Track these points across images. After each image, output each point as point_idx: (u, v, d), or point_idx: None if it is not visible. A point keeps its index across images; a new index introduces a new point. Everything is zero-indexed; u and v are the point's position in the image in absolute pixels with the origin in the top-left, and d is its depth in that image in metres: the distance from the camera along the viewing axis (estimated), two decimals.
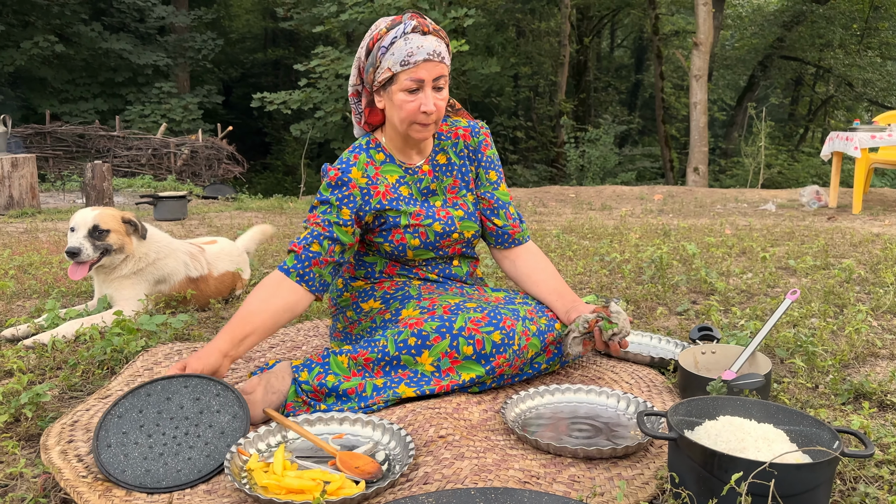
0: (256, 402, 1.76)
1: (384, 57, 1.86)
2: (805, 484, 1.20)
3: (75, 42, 17.45)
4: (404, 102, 1.86)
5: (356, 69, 1.99)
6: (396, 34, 1.84)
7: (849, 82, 20.08)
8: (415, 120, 1.89)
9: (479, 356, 1.83)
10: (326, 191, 1.94)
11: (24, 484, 1.47)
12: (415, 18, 1.86)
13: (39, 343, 2.35)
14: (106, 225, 2.65)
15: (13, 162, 6.91)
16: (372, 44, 1.89)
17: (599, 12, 23.04)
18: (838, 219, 6.19)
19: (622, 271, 3.52)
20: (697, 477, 1.28)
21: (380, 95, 1.94)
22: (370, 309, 2.06)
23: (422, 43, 1.83)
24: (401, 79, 1.85)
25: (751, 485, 1.18)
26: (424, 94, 1.86)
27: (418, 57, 1.82)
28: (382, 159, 2.02)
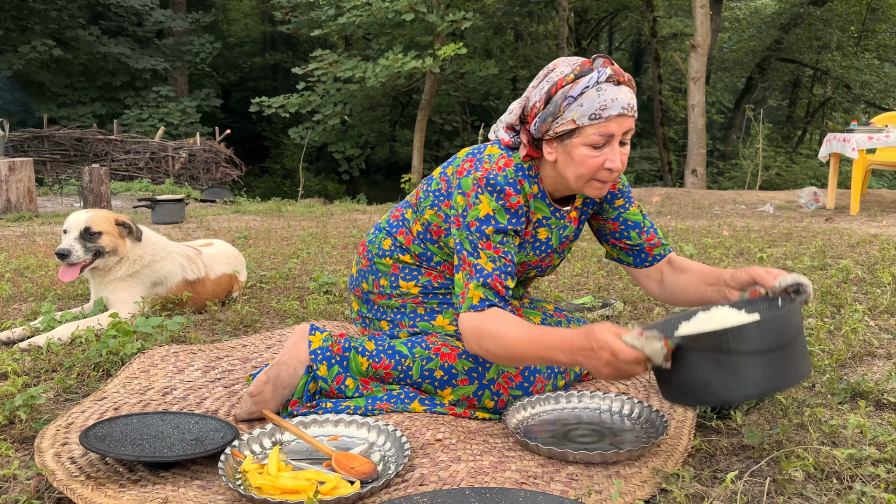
0: (267, 402, 1.75)
1: (570, 107, 1.62)
2: (795, 325, 1.37)
3: (73, 46, 17.46)
4: (587, 158, 1.64)
5: (521, 108, 1.73)
6: (588, 83, 1.60)
7: (846, 84, 20.12)
8: (595, 177, 1.67)
9: (497, 411, 1.81)
10: (503, 217, 1.69)
11: (18, 486, 1.46)
12: (608, 66, 1.62)
13: (35, 345, 2.34)
14: (98, 227, 2.65)
15: (10, 166, 6.90)
16: (555, 90, 1.64)
17: (597, 15, 23.08)
18: (836, 220, 6.19)
19: (620, 272, 3.52)
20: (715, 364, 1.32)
21: (551, 146, 1.69)
22: (406, 291, 1.93)
23: (616, 95, 1.60)
24: (587, 132, 1.62)
25: (764, 346, 1.31)
26: (612, 149, 1.64)
27: (612, 111, 1.60)
28: (536, 192, 1.78)
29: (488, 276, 1.65)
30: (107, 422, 1.61)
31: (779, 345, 1.31)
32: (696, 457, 1.58)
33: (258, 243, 4.99)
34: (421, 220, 1.89)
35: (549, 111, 1.65)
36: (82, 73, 18.12)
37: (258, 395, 1.74)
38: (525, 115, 1.73)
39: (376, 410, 1.78)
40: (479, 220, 1.68)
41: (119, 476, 1.47)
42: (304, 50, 21.11)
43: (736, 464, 1.54)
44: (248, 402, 1.75)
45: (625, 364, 1.39)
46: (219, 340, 2.53)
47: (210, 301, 2.95)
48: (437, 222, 1.85)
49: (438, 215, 1.84)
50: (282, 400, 1.78)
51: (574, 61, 1.66)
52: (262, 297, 3.19)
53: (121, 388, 1.98)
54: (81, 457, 1.54)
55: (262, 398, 1.74)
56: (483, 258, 1.66)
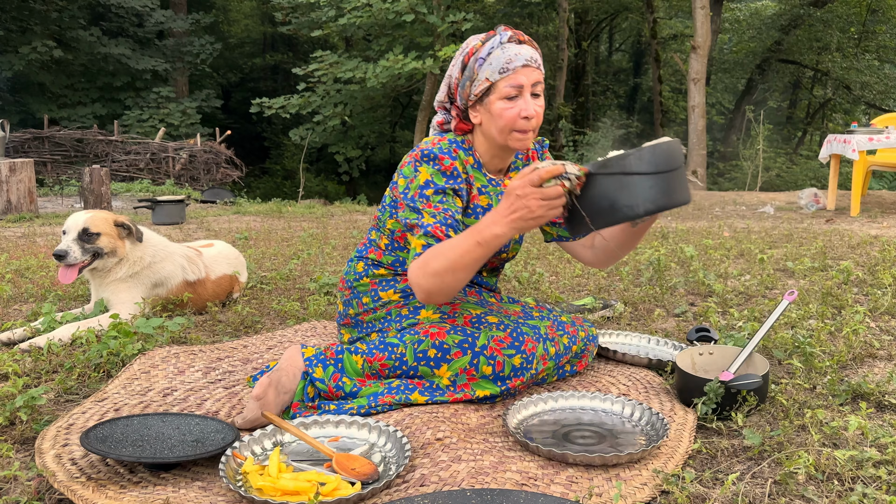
0: (269, 405, 1.76)
1: (481, 68, 1.83)
2: (679, 156, 1.56)
3: (74, 47, 17.46)
4: (504, 110, 1.81)
5: (446, 87, 1.94)
6: (493, 45, 1.83)
7: (846, 85, 20.13)
8: (515, 127, 1.83)
9: (497, 377, 1.82)
10: (439, 179, 1.83)
11: (19, 487, 1.46)
12: (509, 30, 1.84)
13: (35, 346, 2.34)
14: (96, 228, 2.65)
15: (11, 166, 6.90)
16: (467, 58, 1.86)
17: (597, 16, 23.10)
18: (836, 221, 6.19)
19: (620, 273, 3.52)
20: (619, 185, 1.52)
21: (475, 110, 1.88)
22: (388, 300, 2.01)
23: (519, 50, 1.81)
24: (500, 87, 1.81)
25: (658, 166, 1.51)
26: (524, 99, 1.81)
27: (517, 63, 1.80)
28: (472, 163, 1.94)
29: (429, 227, 1.77)
30: (107, 423, 1.61)
31: (668, 167, 1.52)
32: (697, 458, 1.58)
33: (258, 244, 4.99)
34: (385, 232, 2.02)
35: (466, 76, 1.87)
36: (83, 74, 18.12)
37: (263, 399, 1.75)
38: (451, 91, 1.93)
39: (379, 406, 1.78)
40: (420, 187, 1.83)
41: (120, 477, 1.47)
42: (304, 51, 21.12)
43: (737, 465, 1.54)
44: (253, 406, 1.75)
45: (550, 190, 1.52)
46: (219, 341, 2.53)
47: (210, 302, 2.95)
48: (399, 227, 1.97)
49: (398, 220, 1.96)
50: (282, 405, 1.79)
51: (481, 35, 1.89)
52: (262, 298, 3.19)
53: (121, 389, 1.98)
54: (82, 458, 1.54)
55: (266, 401, 1.75)
56: (425, 216, 1.79)
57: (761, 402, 1.81)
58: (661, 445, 1.59)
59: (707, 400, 1.76)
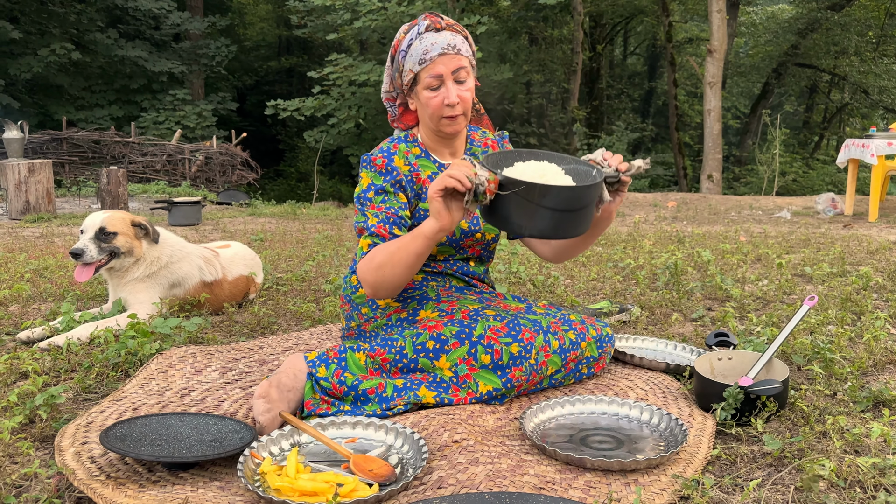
0: (276, 402, 1.75)
1: (405, 60, 1.94)
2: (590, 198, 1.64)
3: (91, 49, 17.62)
4: (429, 99, 1.92)
5: (388, 77, 2.07)
6: (412, 36, 1.93)
7: (864, 90, 19.96)
8: (441, 114, 1.93)
9: (497, 366, 1.82)
10: (378, 179, 1.96)
11: (39, 484, 1.47)
12: (428, 18, 1.93)
13: (54, 345, 2.36)
14: (113, 227, 2.67)
15: (30, 167, 6.97)
16: (394, 50, 1.98)
17: (612, 20, 23.04)
18: (854, 226, 6.13)
19: (636, 277, 3.50)
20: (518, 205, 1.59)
21: (410, 98, 2.00)
22: (386, 306, 2.05)
23: (435, 39, 1.89)
24: (422, 77, 1.91)
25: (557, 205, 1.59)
26: (446, 87, 1.90)
27: (433, 53, 1.88)
28: (418, 153, 2.05)
29: (373, 227, 1.90)
30: (126, 422, 1.62)
31: (570, 208, 1.60)
32: (716, 464, 1.57)
33: (274, 245, 5.01)
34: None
35: (395, 69, 2.00)
36: (100, 76, 18.27)
37: (268, 396, 1.74)
38: (391, 82, 2.07)
39: (391, 410, 1.79)
40: (363, 191, 1.97)
41: (139, 476, 1.47)
42: (319, 54, 21.21)
43: (757, 471, 1.52)
44: (261, 406, 1.72)
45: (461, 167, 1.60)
46: (236, 342, 2.54)
47: (227, 302, 2.96)
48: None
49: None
50: (289, 403, 1.78)
51: (406, 25, 1.98)
52: (278, 299, 3.20)
53: (139, 388, 1.99)
54: (101, 456, 1.55)
55: (271, 398, 1.74)
56: (370, 218, 1.92)
57: (781, 408, 1.79)
58: (679, 451, 1.58)
59: (726, 405, 1.75)
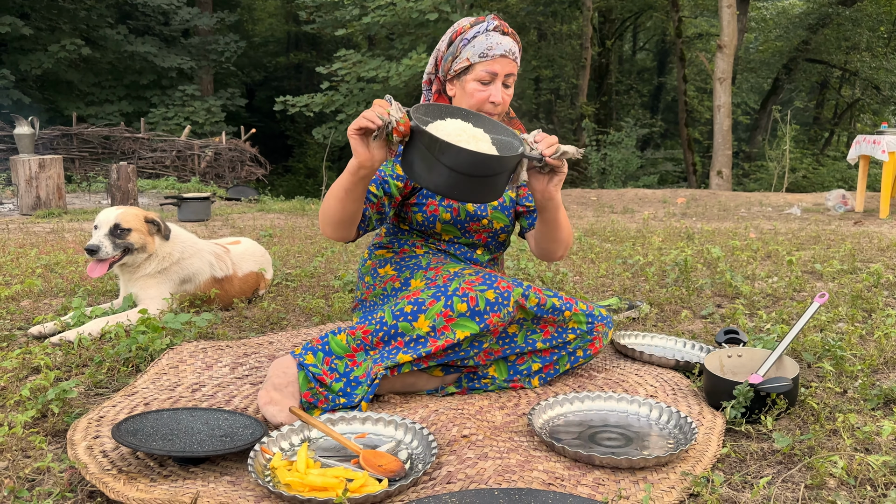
0: (281, 400, 1.76)
1: (465, 48, 2.02)
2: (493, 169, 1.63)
3: (101, 45, 17.68)
4: (476, 91, 2.00)
5: (434, 59, 2.13)
6: (479, 30, 2.01)
7: (876, 85, 19.82)
8: (482, 109, 2.00)
9: (474, 313, 1.83)
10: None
11: (51, 478, 1.48)
12: (496, 20, 2.02)
13: (66, 340, 2.38)
14: (127, 224, 2.68)
15: (41, 163, 7.01)
16: (455, 35, 2.05)
17: (622, 15, 22.94)
18: (865, 223, 6.10)
19: (645, 274, 3.50)
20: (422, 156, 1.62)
21: (452, 84, 2.08)
22: (385, 275, 2.12)
23: (500, 41, 2.00)
24: (477, 69, 2.00)
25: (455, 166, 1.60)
26: (495, 86, 2.00)
27: (496, 52, 1.98)
28: None
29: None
30: (138, 416, 1.63)
31: (468, 173, 1.60)
32: (726, 462, 1.57)
33: (283, 241, 5.02)
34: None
35: (450, 52, 2.06)
36: (110, 72, 18.34)
37: (271, 398, 1.74)
38: (436, 62, 2.13)
39: (375, 381, 1.80)
40: None
41: (150, 470, 1.48)
42: (327, 49, 21.21)
43: (767, 469, 1.52)
44: (271, 409, 1.73)
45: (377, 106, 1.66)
46: (246, 337, 2.55)
47: (237, 298, 2.97)
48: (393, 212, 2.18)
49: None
50: (293, 396, 1.78)
51: (471, 18, 2.06)
52: (287, 295, 3.21)
53: (150, 383, 2.00)
54: (113, 450, 1.56)
55: (277, 398, 1.74)
56: None
57: (791, 405, 1.78)
58: (689, 449, 1.57)
59: (736, 403, 1.75)
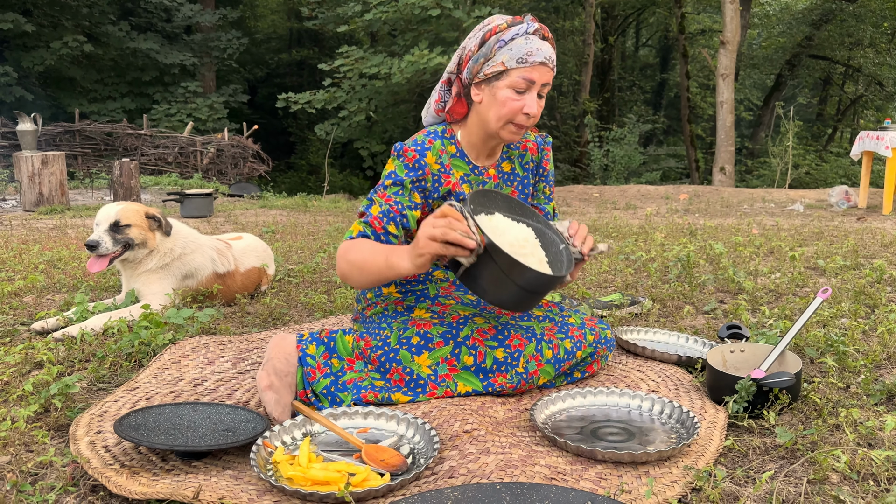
0: (280, 389, 1.78)
1: (500, 50, 1.80)
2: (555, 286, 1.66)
3: (104, 42, 17.67)
4: (509, 100, 1.81)
5: (458, 58, 1.92)
6: (518, 32, 1.80)
7: (879, 82, 19.77)
8: (513, 120, 1.83)
9: (479, 369, 1.81)
10: (401, 171, 1.86)
11: (54, 472, 1.48)
12: (536, 22, 1.84)
13: (68, 336, 2.38)
14: (127, 220, 2.68)
15: (43, 159, 7.01)
16: (489, 35, 1.83)
17: (624, 11, 22.89)
18: (868, 219, 6.08)
19: (648, 270, 3.49)
20: (493, 274, 1.57)
21: (479, 88, 1.86)
22: (388, 294, 2.03)
23: (541, 46, 1.80)
24: (512, 75, 1.79)
25: (527, 285, 1.60)
26: (531, 96, 1.82)
27: (536, 58, 1.79)
28: (454, 152, 1.95)
29: (371, 216, 1.81)
30: (140, 411, 1.64)
31: (538, 291, 1.63)
32: (728, 456, 1.57)
33: (285, 237, 5.02)
34: None
35: (482, 53, 1.84)
36: (112, 69, 18.33)
37: (271, 387, 1.77)
38: (460, 61, 1.91)
39: (362, 402, 1.80)
40: (384, 178, 1.88)
41: (152, 465, 1.49)
42: (329, 46, 21.20)
43: (769, 464, 1.52)
44: (271, 396, 1.76)
45: (445, 223, 1.51)
46: (248, 332, 2.55)
47: (239, 294, 2.97)
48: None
49: None
50: (290, 388, 1.81)
51: (507, 16, 1.86)
52: (289, 291, 3.21)
53: (153, 378, 2.00)
54: (115, 445, 1.56)
55: (276, 387, 1.77)
56: (374, 206, 1.83)
57: (794, 400, 1.78)
58: (691, 443, 1.57)
59: (738, 398, 1.74)
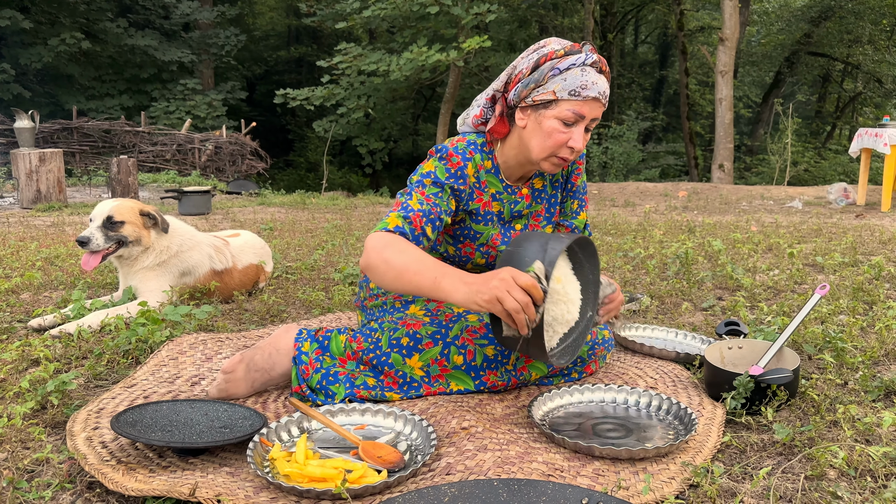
0: (238, 382, 1.81)
1: (554, 79, 1.72)
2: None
3: (102, 39, 17.64)
4: (555, 131, 1.74)
5: (507, 76, 1.83)
6: (575, 62, 1.72)
7: (878, 79, 19.76)
8: (557, 153, 1.78)
9: (469, 367, 1.81)
10: (442, 174, 1.80)
11: (51, 469, 1.48)
12: (594, 53, 1.76)
13: (66, 333, 2.38)
14: (120, 216, 2.68)
15: (41, 157, 7.00)
16: (543, 60, 1.74)
17: (623, 8, 22.86)
18: (867, 216, 6.08)
19: (646, 267, 3.49)
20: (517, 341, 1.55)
21: (525, 113, 1.79)
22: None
23: (596, 80, 1.72)
24: (562, 106, 1.73)
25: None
26: (578, 129, 1.75)
27: (590, 93, 1.71)
28: (489, 168, 1.89)
29: (411, 211, 1.72)
30: (137, 408, 1.63)
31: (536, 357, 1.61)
32: (726, 453, 1.57)
33: (283, 235, 5.02)
34: None
35: (533, 77, 1.75)
36: (110, 66, 18.31)
37: (231, 374, 1.80)
38: (509, 81, 1.82)
39: (356, 397, 1.80)
40: (421, 175, 1.81)
41: (149, 461, 1.48)
42: (328, 43, 21.18)
43: (767, 460, 1.51)
44: (220, 379, 1.81)
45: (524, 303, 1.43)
46: (246, 329, 2.55)
47: (237, 291, 2.97)
48: None
49: None
50: (253, 383, 1.83)
51: (564, 41, 1.78)
52: (287, 288, 3.21)
53: (150, 375, 2.00)
54: (112, 441, 1.56)
55: (235, 377, 1.81)
56: (413, 199, 1.75)
57: (791, 397, 1.78)
58: (689, 440, 1.57)
59: (736, 394, 1.74)
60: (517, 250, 1.58)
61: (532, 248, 1.57)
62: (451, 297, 1.51)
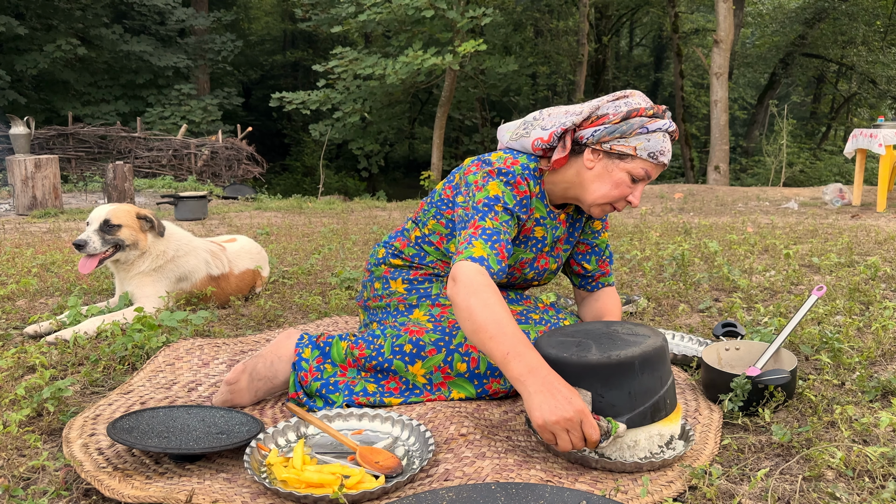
0: (241, 391, 1.81)
1: (639, 136, 1.76)
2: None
3: (97, 45, 17.64)
4: (622, 184, 1.79)
5: (590, 114, 1.82)
6: (661, 126, 1.78)
7: (872, 80, 19.82)
8: (612, 202, 1.83)
9: (473, 375, 1.81)
10: (510, 200, 1.79)
11: (47, 476, 1.47)
12: (672, 123, 1.83)
13: (61, 339, 2.37)
14: (117, 220, 2.67)
15: (36, 163, 6.99)
16: (635, 115, 1.77)
17: (618, 11, 22.91)
18: (862, 217, 6.10)
19: (643, 269, 3.49)
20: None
21: (597, 155, 1.80)
22: (394, 290, 2.02)
23: (670, 148, 1.82)
24: (637, 163, 1.78)
25: None
26: (639, 187, 1.83)
27: (664, 159, 1.80)
28: (537, 192, 1.89)
29: (499, 241, 1.70)
30: (134, 414, 1.63)
31: None
32: (724, 454, 1.56)
33: (280, 239, 5.01)
34: (422, 230, 2.00)
35: (621, 128, 1.77)
36: (106, 72, 18.31)
37: (234, 384, 1.81)
38: (588, 119, 1.82)
39: (354, 403, 1.80)
40: (489, 199, 1.77)
41: (145, 468, 1.48)
42: (324, 47, 21.19)
43: (764, 461, 1.51)
44: (224, 390, 1.82)
45: (577, 439, 1.43)
46: (242, 335, 2.54)
47: (234, 296, 2.96)
48: (440, 230, 1.95)
49: (440, 223, 1.95)
50: (256, 392, 1.83)
51: (648, 99, 1.84)
52: (284, 293, 3.20)
53: (146, 381, 1.99)
54: (109, 448, 1.55)
55: (238, 387, 1.81)
56: (493, 224, 1.73)
57: (789, 397, 1.78)
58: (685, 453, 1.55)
59: (734, 395, 1.74)
60: (632, 384, 1.49)
61: (649, 388, 1.50)
62: (513, 373, 1.49)
